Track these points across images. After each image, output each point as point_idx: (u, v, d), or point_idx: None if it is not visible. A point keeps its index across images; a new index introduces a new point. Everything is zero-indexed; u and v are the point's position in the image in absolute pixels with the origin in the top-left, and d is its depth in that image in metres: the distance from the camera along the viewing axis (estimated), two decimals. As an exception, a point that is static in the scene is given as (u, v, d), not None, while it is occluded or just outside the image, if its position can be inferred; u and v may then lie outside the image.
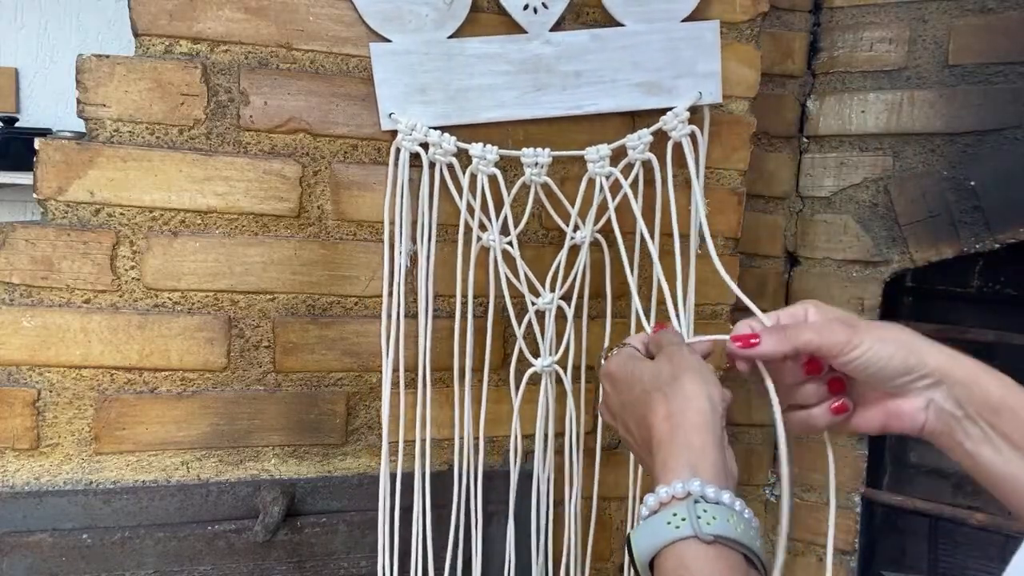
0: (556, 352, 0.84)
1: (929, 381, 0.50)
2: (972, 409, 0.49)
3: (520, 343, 0.82)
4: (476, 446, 0.83)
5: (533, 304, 0.82)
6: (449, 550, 0.82)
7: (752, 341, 0.52)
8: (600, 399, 0.59)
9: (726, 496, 0.43)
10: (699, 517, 0.41)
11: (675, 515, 0.42)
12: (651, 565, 0.43)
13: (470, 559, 0.83)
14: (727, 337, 0.54)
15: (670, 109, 0.82)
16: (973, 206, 0.92)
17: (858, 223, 1.00)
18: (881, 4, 0.96)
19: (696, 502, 0.42)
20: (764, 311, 0.88)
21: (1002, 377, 0.49)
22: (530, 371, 0.83)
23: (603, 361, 0.60)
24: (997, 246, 0.91)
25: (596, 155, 0.81)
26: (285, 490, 0.79)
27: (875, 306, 1.00)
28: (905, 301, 1.13)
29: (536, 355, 0.83)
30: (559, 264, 0.83)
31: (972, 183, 0.92)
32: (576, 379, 0.86)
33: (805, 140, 1.03)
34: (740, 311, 0.99)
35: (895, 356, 0.49)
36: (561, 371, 0.84)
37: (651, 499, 0.44)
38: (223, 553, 0.78)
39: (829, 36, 1.00)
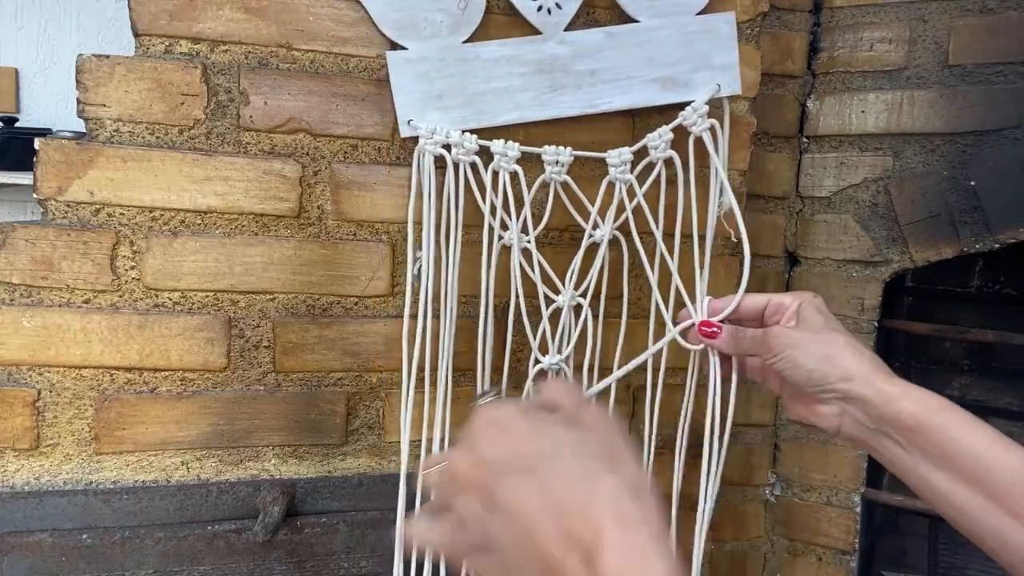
0: (566, 350, 0.83)
1: (838, 396, 0.58)
2: (886, 426, 0.56)
3: (534, 342, 0.82)
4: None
5: (553, 302, 0.82)
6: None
7: (714, 334, 0.69)
8: (459, 450, 0.41)
9: None
10: None
11: None
12: None
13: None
14: (696, 320, 0.70)
15: (687, 103, 0.81)
16: (973, 206, 0.92)
17: (858, 223, 1.00)
18: (881, 4, 0.96)
19: None
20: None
21: (923, 396, 0.56)
22: (537, 368, 0.82)
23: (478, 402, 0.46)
24: (997, 246, 0.91)
25: (618, 159, 0.81)
26: (285, 490, 0.79)
27: (875, 306, 1.00)
28: (905, 301, 1.13)
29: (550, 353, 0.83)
30: (577, 262, 0.82)
31: (972, 183, 0.92)
32: (589, 378, 0.85)
33: (805, 140, 1.04)
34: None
35: (805, 366, 0.59)
36: (567, 369, 0.84)
37: None
38: (223, 553, 0.78)
39: (829, 36, 1.00)
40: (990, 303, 1.10)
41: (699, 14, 0.83)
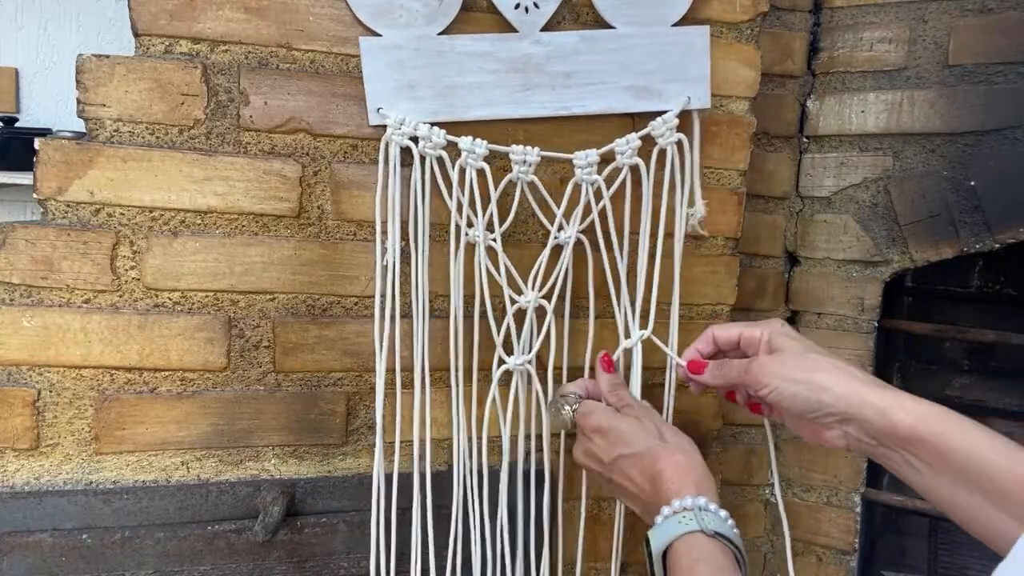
0: (531, 351, 0.82)
1: (837, 419, 0.59)
2: (886, 440, 0.57)
3: (498, 342, 0.82)
4: (461, 446, 0.83)
5: (515, 302, 0.82)
6: (417, 552, 0.82)
7: (701, 370, 0.71)
8: (584, 448, 0.71)
9: (723, 513, 0.59)
10: (703, 519, 0.57)
11: (684, 518, 0.58)
12: (663, 558, 0.58)
13: (453, 560, 0.83)
14: (682, 363, 0.74)
15: (660, 113, 0.82)
16: (973, 206, 0.92)
17: (858, 223, 1.00)
18: (881, 4, 0.96)
19: (701, 510, 0.58)
20: (765, 311, 0.94)
21: (919, 406, 0.56)
22: (502, 368, 0.82)
23: (567, 409, 0.74)
24: (997, 246, 0.91)
25: (584, 160, 0.80)
26: (285, 490, 0.79)
27: (875, 306, 1.00)
28: (905, 301, 1.13)
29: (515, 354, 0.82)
30: (542, 263, 0.82)
31: (972, 183, 0.92)
32: (557, 378, 0.85)
33: (805, 140, 1.04)
34: (739, 311, 0.99)
35: (797, 396, 0.61)
36: (532, 370, 0.83)
37: (666, 510, 0.59)
38: (223, 553, 0.78)
39: (829, 36, 1.00)
40: (990, 303, 1.10)
41: (675, 24, 0.83)
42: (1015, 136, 0.90)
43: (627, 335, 0.84)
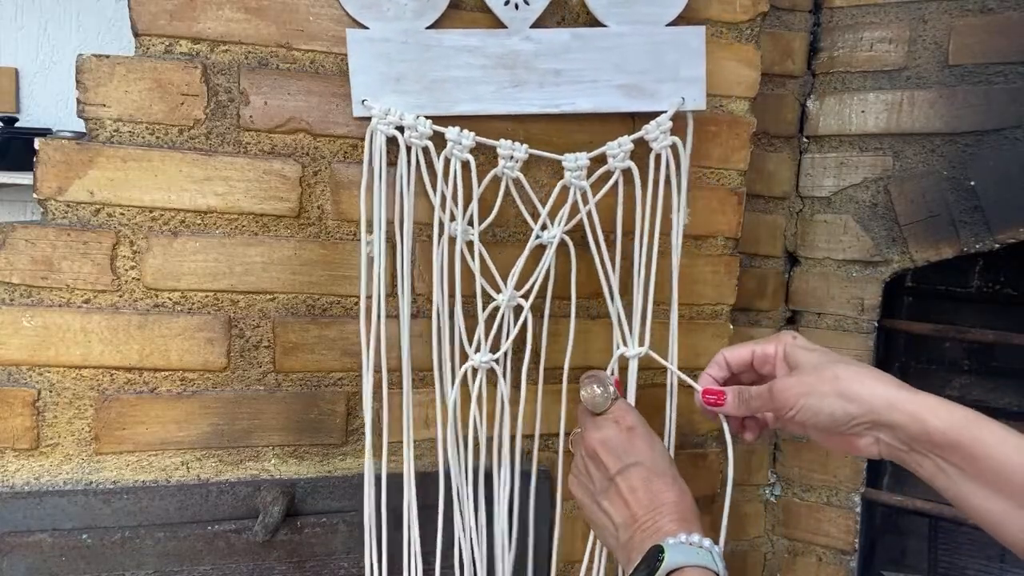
0: (501, 349, 0.81)
1: (867, 427, 0.58)
2: (918, 446, 0.56)
3: (474, 339, 0.80)
4: (452, 445, 0.83)
5: (492, 300, 0.81)
6: (410, 553, 0.82)
7: (719, 400, 0.68)
8: (604, 435, 0.67)
9: (722, 564, 0.59)
10: (718, 565, 0.57)
11: (702, 552, 0.58)
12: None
13: (447, 560, 0.83)
14: (699, 388, 0.70)
15: (655, 114, 0.81)
16: (973, 206, 0.92)
17: (858, 223, 1.00)
18: (881, 4, 0.96)
19: (718, 557, 0.58)
20: (765, 311, 0.92)
21: (950, 411, 0.56)
22: (467, 365, 0.80)
23: (611, 390, 0.70)
24: (997, 246, 0.91)
25: (574, 164, 0.80)
26: (285, 490, 0.79)
27: (875, 306, 1.00)
28: (905, 301, 1.14)
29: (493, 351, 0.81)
30: (521, 263, 0.81)
31: (972, 183, 0.92)
32: (533, 380, 0.84)
33: (805, 140, 1.04)
34: (739, 311, 0.99)
35: (824, 412, 0.59)
36: (498, 368, 0.81)
37: (684, 536, 0.59)
38: (223, 553, 0.78)
39: (829, 36, 1.00)
40: (990, 303, 1.10)
41: (670, 24, 0.82)
42: (1015, 136, 0.90)
43: (623, 342, 0.82)
